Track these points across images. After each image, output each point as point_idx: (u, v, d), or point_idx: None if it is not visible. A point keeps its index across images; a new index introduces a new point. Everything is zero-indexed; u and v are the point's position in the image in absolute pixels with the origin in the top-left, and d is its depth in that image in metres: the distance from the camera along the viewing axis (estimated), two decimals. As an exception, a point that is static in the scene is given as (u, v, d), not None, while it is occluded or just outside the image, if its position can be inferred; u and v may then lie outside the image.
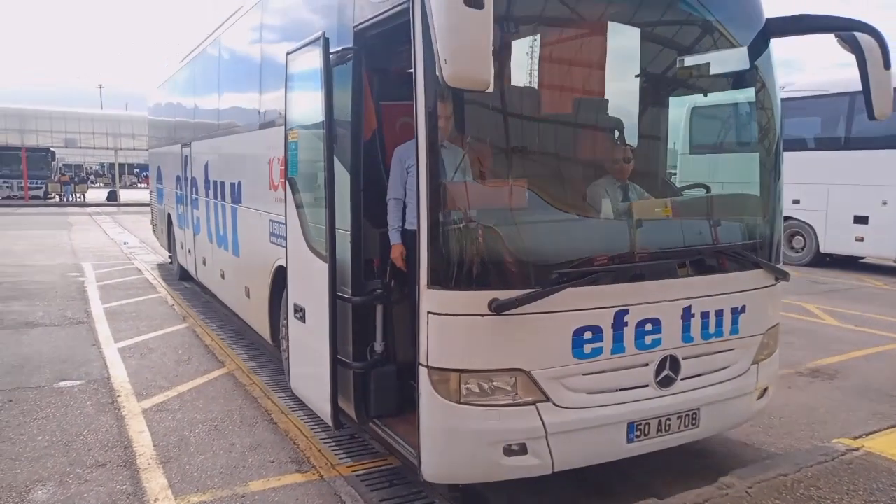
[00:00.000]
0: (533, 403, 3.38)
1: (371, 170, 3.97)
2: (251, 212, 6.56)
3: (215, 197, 8.09)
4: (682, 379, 3.76)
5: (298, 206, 4.73)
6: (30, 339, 7.28)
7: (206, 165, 8.63)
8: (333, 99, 3.97)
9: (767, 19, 4.15)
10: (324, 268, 4.15)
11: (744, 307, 3.96)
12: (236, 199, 7.13)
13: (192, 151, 9.59)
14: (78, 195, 39.51)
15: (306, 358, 4.73)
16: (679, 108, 4.66)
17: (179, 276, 11.27)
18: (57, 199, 38.54)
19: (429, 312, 3.32)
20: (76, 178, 42.26)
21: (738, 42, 4.18)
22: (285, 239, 5.00)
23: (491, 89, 2.76)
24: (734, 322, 3.94)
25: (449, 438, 3.40)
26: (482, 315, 3.23)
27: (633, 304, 3.55)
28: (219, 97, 8.20)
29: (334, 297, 4.05)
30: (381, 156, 4.45)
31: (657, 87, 4.58)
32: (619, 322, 3.52)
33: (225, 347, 7.10)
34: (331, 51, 3.98)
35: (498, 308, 3.20)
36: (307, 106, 4.39)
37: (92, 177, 65.32)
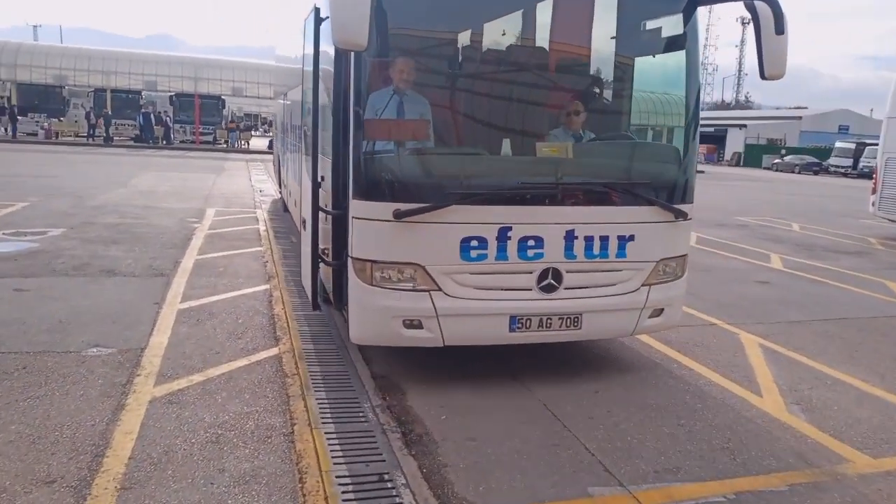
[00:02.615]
0: (427, 291, 4.35)
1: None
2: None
3: (295, 139, 8.71)
4: (565, 288, 4.57)
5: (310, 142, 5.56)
6: (98, 290, 6.75)
7: (290, 113, 9.37)
8: (320, 52, 4.74)
9: None
10: (304, 188, 5.47)
11: (632, 236, 4.69)
12: (301, 140, 7.53)
13: (285, 100, 10.52)
14: (242, 142, 41.62)
15: (304, 257, 5.90)
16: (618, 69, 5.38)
17: (283, 209, 12.65)
18: (225, 144, 40.86)
19: (353, 217, 4.35)
20: (241, 126, 44.39)
21: (670, 9, 4.89)
22: None
23: (363, 49, 3.72)
24: (621, 248, 4.67)
25: (365, 311, 4.44)
26: (388, 221, 4.19)
27: (516, 223, 4.39)
28: (296, 53, 8.59)
29: (316, 210, 4.88)
30: None
31: (591, 50, 5.22)
32: (502, 236, 4.37)
33: (291, 319, 6.09)
34: (321, 17, 4.60)
35: (398, 215, 4.16)
36: (310, 60, 4.93)
37: (266, 126, 69.05)
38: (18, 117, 37.17)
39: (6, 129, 37.24)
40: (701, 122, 5.17)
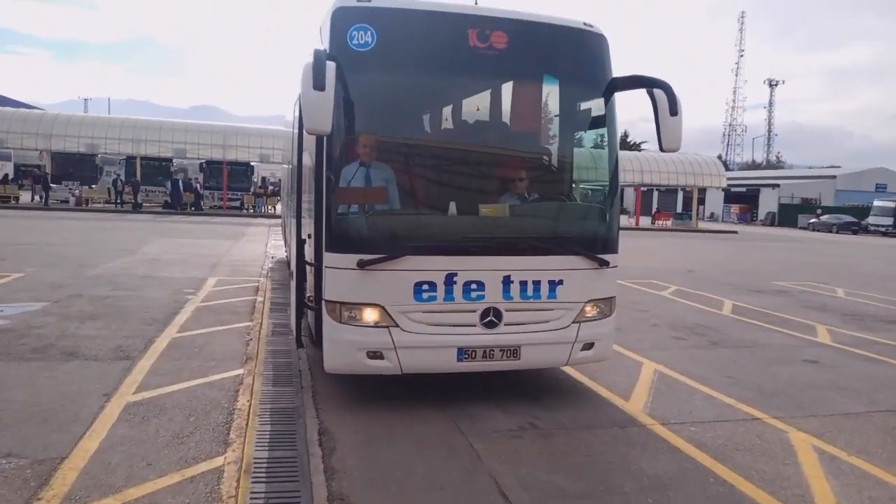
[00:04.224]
0: (387, 327, 5.22)
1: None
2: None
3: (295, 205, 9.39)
4: (505, 324, 5.42)
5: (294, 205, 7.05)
6: (46, 378, 5.97)
7: (291, 180, 10.04)
8: (303, 133, 5.66)
9: (613, 78, 5.81)
10: (293, 244, 6.96)
11: (561, 281, 5.56)
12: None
13: (289, 166, 10.93)
14: (269, 207, 41.80)
15: (292, 303, 6.88)
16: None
17: (289, 268, 13.02)
18: (251, 209, 41.08)
19: (326, 266, 5.26)
20: (268, 191, 44.70)
21: (592, 95, 5.87)
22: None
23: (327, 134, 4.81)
24: (551, 290, 5.54)
25: (335, 344, 5.30)
26: (354, 269, 5.10)
27: (461, 270, 5.29)
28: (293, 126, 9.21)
29: (300, 263, 5.91)
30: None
31: (520, 134, 6.39)
32: (449, 281, 5.27)
33: (253, 415, 5.22)
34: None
35: (361, 264, 5.07)
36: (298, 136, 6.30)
37: (294, 191, 69.77)
38: (52, 185, 37.93)
39: (40, 197, 37.96)
40: (732, 181, 5.69)
